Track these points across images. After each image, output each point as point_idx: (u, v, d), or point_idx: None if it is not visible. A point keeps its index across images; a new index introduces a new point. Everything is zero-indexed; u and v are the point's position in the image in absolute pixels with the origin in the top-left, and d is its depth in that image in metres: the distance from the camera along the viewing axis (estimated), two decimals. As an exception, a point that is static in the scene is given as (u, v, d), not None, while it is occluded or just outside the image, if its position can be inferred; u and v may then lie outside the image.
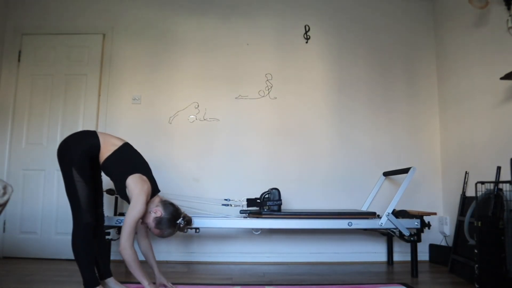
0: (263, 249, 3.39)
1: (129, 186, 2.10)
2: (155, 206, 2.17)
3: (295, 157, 3.52)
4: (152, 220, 2.15)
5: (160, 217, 2.14)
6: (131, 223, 2.02)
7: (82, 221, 2.04)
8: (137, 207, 2.04)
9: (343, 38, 3.69)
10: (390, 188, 3.52)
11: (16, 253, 3.32)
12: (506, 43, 2.72)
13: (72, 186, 2.05)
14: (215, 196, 3.42)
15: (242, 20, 3.68)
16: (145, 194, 2.08)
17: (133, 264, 2.03)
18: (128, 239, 2.01)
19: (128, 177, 2.11)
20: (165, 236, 2.19)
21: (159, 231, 2.15)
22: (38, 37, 3.59)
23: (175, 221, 2.17)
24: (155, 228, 2.15)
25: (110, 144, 2.18)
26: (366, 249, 3.43)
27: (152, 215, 2.15)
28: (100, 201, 2.31)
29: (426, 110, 3.65)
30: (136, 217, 2.04)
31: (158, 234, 2.17)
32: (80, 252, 2.03)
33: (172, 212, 2.18)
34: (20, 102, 3.51)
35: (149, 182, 2.17)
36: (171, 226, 2.16)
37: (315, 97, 3.61)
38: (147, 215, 2.16)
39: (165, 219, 2.14)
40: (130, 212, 2.03)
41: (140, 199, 2.06)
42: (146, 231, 2.33)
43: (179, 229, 2.22)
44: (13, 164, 3.44)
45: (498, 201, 2.46)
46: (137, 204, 2.05)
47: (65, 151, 2.10)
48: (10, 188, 2.03)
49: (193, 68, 3.61)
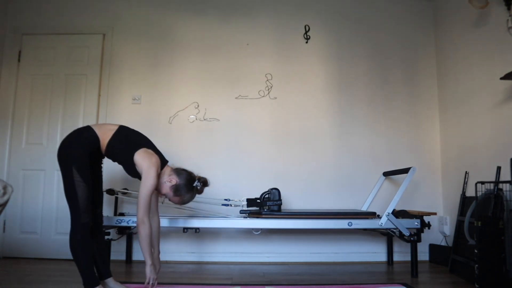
0: (263, 249, 3.39)
1: (137, 162, 2.12)
2: (168, 176, 2.21)
3: (295, 157, 3.52)
4: (169, 190, 2.19)
5: (176, 184, 2.18)
6: (146, 197, 2.05)
7: (80, 221, 2.03)
8: (149, 180, 2.07)
9: (343, 38, 3.69)
10: (390, 188, 3.52)
11: (16, 253, 3.32)
12: (506, 43, 2.71)
13: (72, 185, 2.04)
14: (215, 196, 3.42)
15: (242, 20, 3.68)
16: (155, 167, 2.10)
17: (146, 240, 2.06)
18: (145, 213, 2.05)
19: (135, 154, 2.12)
20: (186, 201, 2.23)
21: (178, 198, 2.20)
22: (38, 37, 3.59)
23: (192, 185, 2.22)
24: (174, 196, 2.19)
25: (107, 130, 2.17)
26: (366, 249, 3.43)
27: (167, 185, 2.19)
28: (99, 200, 2.30)
29: (426, 110, 3.65)
30: (150, 190, 2.07)
31: (178, 201, 2.21)
32: (78, 252, 2.02)
33: (187, 177, 2.22)
34: (20, 102, 3.51)
35: (155, 154, 2.19)
36: (189, 191, 2.21)
37: (315, 97, 3.61)
38: (163, 186, 2.20)
39: (182, 185, 2.18)
40: (143, 186, 2.06)
41: (150, 172, 2.08)
42: (156, 209, 2.34)
43: (197, 192, 2.26)
44: (13, 164, 3.44)
45: (498, 201, 2.46)
46: (149, 177, 2.07)
47: (65, 151, 2.10)
48: (10, 188, 2.03)
49: (193, 68, 3.61)
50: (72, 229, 2.04)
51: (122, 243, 3.30)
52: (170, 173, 2.22)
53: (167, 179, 2.20)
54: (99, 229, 2.27)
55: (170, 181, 2.19)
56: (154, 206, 2.33)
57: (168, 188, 2.19)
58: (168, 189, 2.19)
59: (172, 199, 2.21)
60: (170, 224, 2.91)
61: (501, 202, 2.43)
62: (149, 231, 2.06)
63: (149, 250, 2.08)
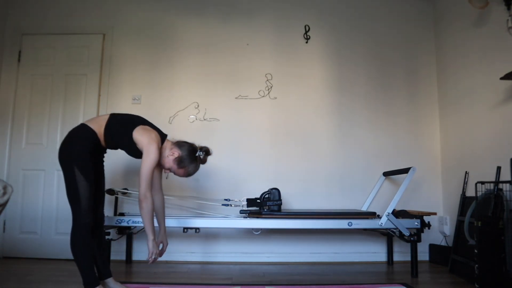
0: (263, 249, 3.39)
1: (137, 140, 2.13)
2: (170, 149, 2.22)
3: (295, 157, 3.52)
4: (173, 163, 2.20)
5: (179, 156, 2.19)
6: (148, 173, 2.06)
7: (81, 221, 2.03)
8: (150, 155, 2.07)
9: (343, 38, 3.69)
10: (390, 188, 3.52)
11: (16, 253, 3.32)
12: (506, 43, 2.71)
13: (74, 185, 2.04)
14: (215, 196, 3.42)
15: (242, 20, 3.68)
16: (155, 141, 2.11)
17: (148, 215, 2.06)
18: (147, 188, 2.06)
19: (133, 133, 2.13)
20: (191, 172, 2.24)
21: (183, 170, 2.21)
22: (38, 37, 3.59)
23: (194, 155, 2.23)
24: (179, 169, 2.20)
25: (100, 121, 2.17)
26: (366, 249, 3.43)
27: (170, 158, 2.20)
28: (101, 199, 2.30)
29: (426, 110, 3.65)
30: (151, 165, 2.07)
31: (184, 173, 2.22)
32: (79, 252, 2.02)
33: (188, 148, 2.23)
34: (20, 102, 3.51)
35: (154, 130, 2.20)
36: (192, 161, 2.22)
37: (315, 97, 3.61)
38: (166, 160, 2.21)
39: (185, 156, 2.20)
40: (145, 162, 2.06)
41: (151, 147, 2.08)
42: (160, 187, 2.36)
43: (201, 162, 2.27)
44: (13, 164, 3.44)
45: (498, 201, 2.46)
46: (149, 152, 2.08)
47: (65, 151, 2.10)
48: (10, 188, 2.03)
49: (193, 68, 3.61)
50: (73, 229, 2.04)
51: (122, 243, 3.30)
52: (172, 146, 2.24)
53: (169, 153, 2.21)
54: (100, 229, 2.27)
55: (172, 154, 2.20)
56: (158, 184, 2.35)
57: (172, 161, 2.20)
58: (172, 163, 2.20)
59: (177, 172, 2.22)
60: (170, 224, 2.90)
61: (501, 202, 2.43)
62: (151, 207, 2.07)
63: (151, 225, 2.09)
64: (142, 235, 3.36)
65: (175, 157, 2.20)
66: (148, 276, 2.74)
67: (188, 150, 2.23)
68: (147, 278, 2.69)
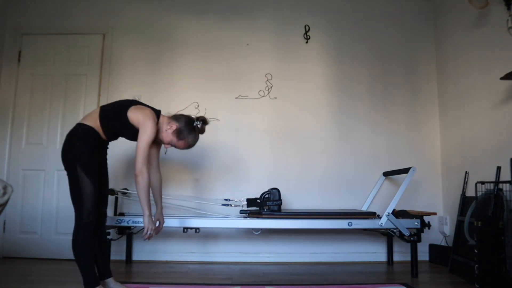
0: (263, 249, 3.39)
1: (132, 119, 2.13)
2: (167, 123, 2.23)
3: (295, 157, 3.52)
4: (172, 136, 2.21)
5: (177, 128, 2.20)
6: (144, 148, 2.07)
7: (84, 221, 2.03)
8: (146, 131, 2.08)
9: (343, 38, 3.69)
10: (390, 188, 3.52)
11: (16, 253, 3.32)
12: (506, 43, 2.71)
13: (77, 184, 2.04)
14: (215, 196, 3.42)
15: (242, 20, 3.68)
16: (150, 117, 2.11)
17: (144, 190, 2.07)
18: (144, 163, 2.07)
19: (127, 114, 2.13)
20: (191, 143, 2.25)
21: (183, 141, 2.22)
22: (38, 37, 3.59)
23: (192, 125, 2.24)
24: (179, 141, 2.22)
25: (93, 115, 2.17)
26: (366, 249, 3.43)
27: (169, 132, 2.21)
28: (104, 199, 2.30)
29: (426, 110, 3.65)
30: (148, 140, 2.08)
31: (184, 145, 2.23)
32: (80, 252, 2.02)
33: (185, 119, 2.24)
34: (20, 102, 3.51)
35: (147, 107, 2.21)
36: (191, 131, 2.23)
37: (315, 97, 3.61)
38: (165, 135, 2.22)
39: (183, 127, 2.21)
40: (141, 137, 2.07)
41: (147, 123, 2.09)
42: (158, 166, 2.38)
43: (200, 132, 2.28)
44: (13, 164, 3.44)
45: (498, 201, 2.46)
46: (146, 128, 2.09)
47: (67, 150, 2.10)
48: (10, 188, 2.03)
49: (193, 68, 3.61)
50: (75, 228, 2.04)
51: (122, 243, 3.30)
52: (169, 120, 2.25)
53: (167, 126, 2.22)
54: (102, 228, 2.27)
55: (171, 128, 2.21)
56: (156, 162, 2.38)
57: (171, 134, 2.21)
58: (171, 136, 2.21)
59: (178, 144, 2.23)
60: (170, 224, 2.91)
61: (501, 202, 2.43)
62: (147, 182, 2.07)
63: (147, 200, 2.09)
64: (142, 235, 3.36)
65: (174, 129, 2.21)
66: (148, 276, 2.74)
67: (186, 122, 2.23)
68: (147, 278, 2.69)
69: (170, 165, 3.47)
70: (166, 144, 2.26)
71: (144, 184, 2.07)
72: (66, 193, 3.37)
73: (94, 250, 2.17)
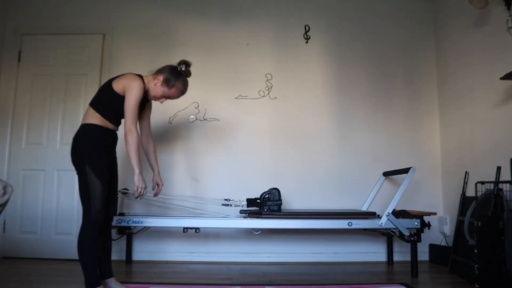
0: (263, 249, 3.39)
1: (118, 88, 2.14)
2: (154, 79, 2.25)
3: (295, 157, 3.52)
4: (162, 87, 2.24)
5: (164, 78, 2.23)
6: (132, 107, 2.09)
7: (92, 220, 2.03)
8: (132, 91, 2.10)
9: (343, 38, 3.69)
10: (390, 188, 3.52)
11: (16, 253, 3.32)
12: (506, 43, 2.72)
13: (86, 184, 2.04)
14: (215, 196, 3.42)
15: (242, 20, 3.68)
16: (133, 78, 2.13)
17: (134, 148, 2.08)
18: (133, 122, 2.09)
19: (113, 88, 2.14)
20: (183, 89, 2.29)
21: (174, 88, 2.25)
22: (38, 37, 3.59)
23: (177, 70, 2.27)
24: (170, 89, 2.25)
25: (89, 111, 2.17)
26: (366, 249, 3.43)
27: (159, 85, 2.24)
28: (112, 198, 2.29)
29: (426, 110, 3.65)
30: (135, 100, 2.10)
31: (177, 92, 2.27)
32: (85, 251, 2.02)
33: (168, 68, 2.28)
34: (20, 102, 3.51)
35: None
36: (178, 76, 2.26)
37: (315, 97, 3.61)
38: (156, 90, 2.24)
39: (168, 76, 2.24)
40: (128, 98, 2.10)
41: (131, 84, 2.11)
42: (149, 132, 2.44)
43: (186, 75, 2.30)
44: (13, 164, 3.44)
45: (498, 201, 2.46)
46: (131, 88, 2.11)
47: (76, 151, 2.10)
48: (10, 188, 2.03)
49: (193, 68, 3.53)
50: (82, 227, 2.04)
51: (122, 243, 3.30)
52: (154, 76, 2.28)
53: (154, 82, 2.24)
54: (108, 228, 2.27)
55: (158, 80, 2.24)
56: (147, 130, 2.43)
57: (160, 86, 2.24)
58: (161, 88, 2.24)
59: (171, 93, 2.26)
60: (170, 224, 2.91)
61: (501, 202, 2.43)
62: (137, 140, 2.09)
63: (137, 159, 2.10)
64: (142, 235, 3.37)
65: (161, 80, 2.23)
66: (148, 276, 2.74)
67: (170, 70, 2.26)
68: (147, 278, 2.69)
69: (170, 165, 3.47)
70: (160, 99, 2.29)
71: (134, 142, 2.08)
72: (66, 193, 3.38)
73: (99, 250, 2.16)
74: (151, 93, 2.27)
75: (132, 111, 2.09)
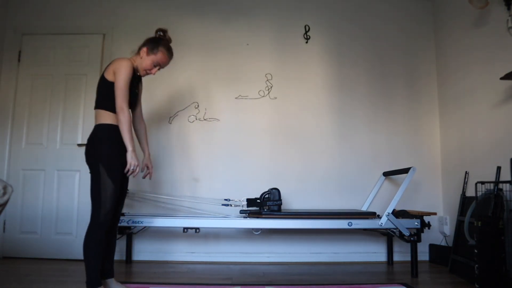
0: (263, 249, 3.39)
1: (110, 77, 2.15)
2: (139, 54, 2.28)
3: (295, 157, 3.52)
4: (149, 56, 2.26)
5: (147, 49, 2.26)
6: (122, 87, 2.10)
7: (100, 220, 2.03)
8: (120, 72, 2.12)
9: (343, 38, 3.69)
10: (390, 188, 3.52)
11: (16, 253, 3.32)
12: (506, 43, 2.72)
13: (98, 185, 2.04)
14: (215, 196, 3.42)
15: (242, 20, 3.68)
16: (119, 61, 2.15)
17: (126, 125, 2.08)
18: (124, 100, 2.10)
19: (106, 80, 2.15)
20: (167, 53, 2.31)
21: (160, 53, 2.28)
22: (38, 37, 3.59)
23: (156, 38, 2.31)
24: (156, 55, 2.27)
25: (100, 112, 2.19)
26: (366, 249, 3.43)
27: (145, 57, 2.26)
28: (122, 199, 2.29)
29: (426, 110, 3.65)
30: (124, 79, 2.11)
31: (164, 56, 2.29)
32: (91, 250, 2.02)
33: (147, 39, 2.31)
34: (20, 102, 3.51)
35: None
36: (158, 43, 2.28)
37: (315, 97, 3.61)
38: (144, 62, 2.27)
39: (150, 44, 2.27)
40: (118, 79, 2.11)
41: (119, 66, 2.12)
42: (141, 115, 2.47)
43: (167, 40, 2.34)
44: (13, 164, 3.44)
45: (498, 201, 2.46)
46: (119, 69, 2.12)
47: (91, 151, 2.10)
48: (10, 188, 2.03)
49: (193, 68, 3.61)
50: (90, 226, 2.05)
51: (122, 243, 3.30)
52: (137, 52, 2.30)
53: (140, 56, 2.27)
54: (114, 228, 2.27)
55: (143, 52, 2.27)
56: (139, 113, 2.46)
57: (147, 57, 2.26)
58: (148, 57, 2.26)
59: (158, 59, 2.28)
60: (170, 224, 2.91)
61: (501, 202, 2.43)
62: (128, 118, 2.10)
63: (130, 136, 2.09)
64: (142, 235, 3.37)
65: (146, 51, 2.26)
66: (148, 276, 2.74)
67: (149, 40, 2.29)
68: (147, 278, 2.70)
69: (170, 165, 3.47)
70: (152, 70, 2.30)
71: (126, 120, 2.08)
72: (66, 193, 3.38)
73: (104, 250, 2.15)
74: (142, 66, 2.28)
75: (122, 90, 2.10)
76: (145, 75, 2.34)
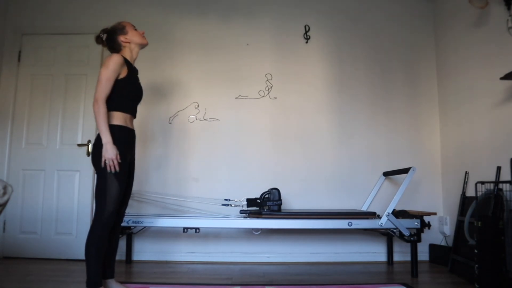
0: (263, 249, 3.39)
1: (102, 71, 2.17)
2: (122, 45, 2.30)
3: (295, 157, 3.52)
4: (126, 34, 2.29)
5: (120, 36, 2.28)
6: (103, 79, 2.09)
7: (103, 221, 2.03)
8: (107, 64, 2.13)
9: (343, 38, 3.69)
10: (390, 188, 3.52)
11: (16, 253, 3.32)
12: (506, 43, 2.72)
13: (103, 185, 2.04)
14: (215, 196, 3.42)
15: (242, 20, 3.68)
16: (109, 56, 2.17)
17: (102, 117, 2.05)
18: (102, 93, 2.08)
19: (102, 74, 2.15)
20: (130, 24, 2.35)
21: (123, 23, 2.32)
22: (38, 37, 3.58)
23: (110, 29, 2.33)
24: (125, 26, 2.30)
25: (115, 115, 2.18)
26: (366, 249, 3.43)
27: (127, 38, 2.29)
28: (126, 200, 2.29)
29: (426, 110, 3.65)
30: (108, 72, 2.10)
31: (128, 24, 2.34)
32: (93, 250, 2.02)
33: (112, 27, 2.33)
34: (20, 102, 3.51)
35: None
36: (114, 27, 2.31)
37: (315, 97, 3.61)
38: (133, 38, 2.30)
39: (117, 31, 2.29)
40: (101, 71, 2.11)
41: (107, 60, 2.14)
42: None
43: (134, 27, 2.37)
44: (13, 164, 3.44)
45: (498, 201, 2.46)
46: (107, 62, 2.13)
47: (98, 151, 2.08)
48: (10, 188, 2.03)
49: (193, 68, 3.61)
50: (93, 226, 2.04)
51: (122, 243, 3.30)
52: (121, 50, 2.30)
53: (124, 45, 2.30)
54: (117, 228, 2.27)
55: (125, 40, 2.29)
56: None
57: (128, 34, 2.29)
58: (128, 33, 2.29)
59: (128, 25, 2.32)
60: (170, 224, 2.91)
61: (501, 202, 2.43)
62: (104, 110, 2.05)
63: (106, 127, 2.05)
64: (142, 235, 3.37)
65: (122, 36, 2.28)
66: (148, 276, 2.74)
67: (112, 33, 2.31)
68: (147, 278, 2.70)
69: (170, 165, 3.47)
70: (139, 32, 2.35)
71: (102, 112, 2.04)
72: (66, 193, 3.38)
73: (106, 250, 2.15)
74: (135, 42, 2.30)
75: (101, 85, 2.08)
76: (142, 47, 2.35)
